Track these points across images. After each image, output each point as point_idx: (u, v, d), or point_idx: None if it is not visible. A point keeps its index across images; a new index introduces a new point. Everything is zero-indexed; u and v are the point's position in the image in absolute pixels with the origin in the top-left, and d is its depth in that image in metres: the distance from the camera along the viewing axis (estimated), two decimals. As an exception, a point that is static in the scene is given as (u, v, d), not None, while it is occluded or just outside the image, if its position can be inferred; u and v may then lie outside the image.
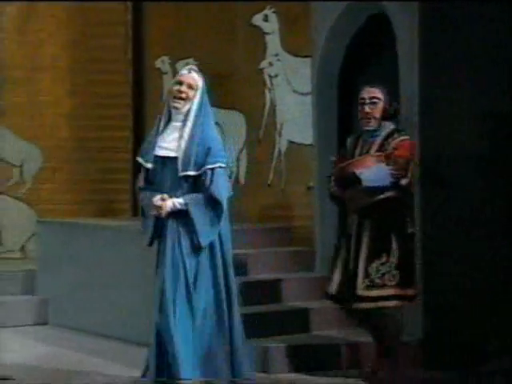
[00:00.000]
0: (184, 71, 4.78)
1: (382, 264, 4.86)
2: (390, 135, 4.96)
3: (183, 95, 4.66)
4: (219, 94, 7.43)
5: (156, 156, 4.71)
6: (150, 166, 4.72)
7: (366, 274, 4.86)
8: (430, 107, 5.55)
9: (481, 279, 5.45)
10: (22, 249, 7.99)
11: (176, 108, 4.68)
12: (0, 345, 6.20)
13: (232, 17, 7.26)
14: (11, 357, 5.81)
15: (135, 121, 8.23)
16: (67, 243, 7.10)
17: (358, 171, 4.86)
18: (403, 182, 4.87)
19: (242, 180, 7.34)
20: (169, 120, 4.76)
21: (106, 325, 6.54)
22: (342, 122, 6.48)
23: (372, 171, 4.85)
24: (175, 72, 7.72)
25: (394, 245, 4.86)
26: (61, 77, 7.99)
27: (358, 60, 6.32)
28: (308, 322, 5.83)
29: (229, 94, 7.34)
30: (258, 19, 6.99)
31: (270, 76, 7.01)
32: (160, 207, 4.61)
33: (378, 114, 4.95)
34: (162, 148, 4.70)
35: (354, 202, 4.93)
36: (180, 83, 4.69)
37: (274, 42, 6.96)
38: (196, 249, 4.61)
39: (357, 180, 4.85)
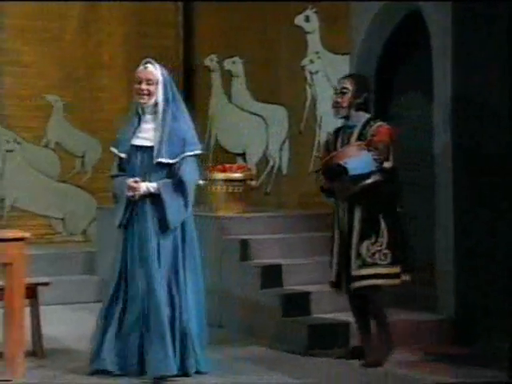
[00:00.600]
0: (140, 67, 4.58)
1: (372, 244, 4.82)
2: (366, 124, 4.89)
3: (145, 92, 4.52)
4: (263, 89, 7.46)
5: (132, 145, 4.59)
6: (123, 155, 4.62)
7: (358, 255, 4.81)
8: (463, 105, 5.47)
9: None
10: (83, 233, 8.06)
11: (142, 104, 4.56)
12: (62, 319, 6.26)
13: (275, 17, 7.23)
14: (72, 330, 5.88)
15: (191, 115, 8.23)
16: (124, 227, 7.14)
17: (342, 162, 4.79)
18: (386, 165, 4.84)
19: (284, 169, 7.33)
20: (143, 113, 4.63)
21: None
22: (378, 114, 6.42)
23: (356, 160, 4.79)
24: (222, 69, 7.76)
25: (383, 225, 4.81)
26: (118, 75, 8.03)
27: (394, 57, 6.26)
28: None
29: (272, 90, 7.33)
30: (299, 19, 6.95)
31: (311, 73, 6.98)
32: (134, 188, 4.50)
33: (345, 104, 4.90)
34: (138, 138, 4.59)
35: (343, 191, 4.88)
36: (139, 81, 4.54)
37: (314, 41, 6.92)
38: (163, 231, 4.52)
39: (343, 170, 4.77)
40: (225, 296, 6.06)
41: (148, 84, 4.50)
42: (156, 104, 4.55)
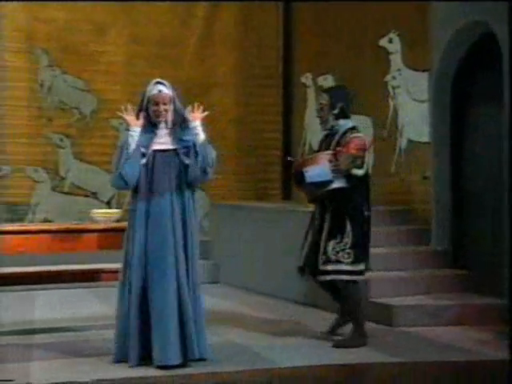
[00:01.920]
0: (155, 92, 4.30)
1: (337, 243, 4.64)
2: (345, 133, 4.72)
3: (163, 113, 4.29)
4: (352, 102, 7.36)
5: (154, 150, 4.28)
6: (144, 161, 4.26)
7: (324, 252, 4.67)
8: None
9: None
10: (199, 225, 8.13)
11: (160, 122, 4.30)
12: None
13: (362, 39, 7.14)
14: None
15: (284, 125, 8.25)
16: (233, 220, 7.21)
17: (304, 169, 4.59)
18: (359, 172, 4.64)
19: (369, 170, 7.20)
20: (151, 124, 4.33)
21: (264, 284, 6.59)
22: (455, 124, 6.25)
23: (315, 168, 4.57)
24: (316, 85, 7.71)
25: (349, 227, 4.63)
26: (229, 91, 8.10)
27: (469, 73, 6.06)
28: (426, 285, 5.67)
29: (359, 102, 7.23)
30: (384, 41, 6.84)
31: (393, 87, 6.85)
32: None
33: (324, 117, 4.78)
34: (156, 143, 4.30)
35: (309, 194, 4.76)
36: (156, 104, 4.28)
37: (396, 60, 6.79)
38: (190, 222, 4.19)
39: (302, 177, 4.60)
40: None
41: (164, 104, 4.29)
42: (172, 118, 4.35)
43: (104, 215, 4.75)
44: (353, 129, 4.77)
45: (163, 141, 4.30)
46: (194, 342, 4.11)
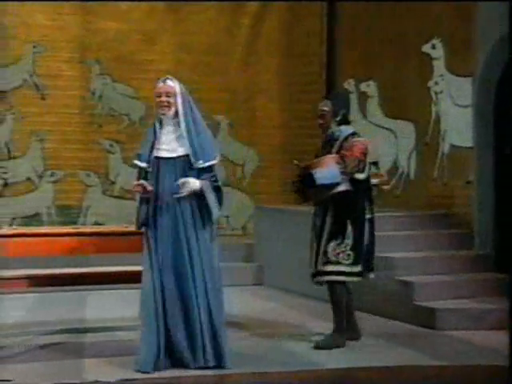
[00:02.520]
0: (160, 83, 4.22)
1: (338, 245, 4.65)
2: (347, 138, 4.72)
3: (165, 104, 4.16)
4: (394, 107, 7.35)
5: (157, 157, 4.16)
6: (143, 164, 4.20)
7: (324, 253, 4.68)
8: None
9: None
10: (243, 228, 8.19)
11: (163, 114, 4.17)
12: (230, 298, 6.40)
13: (405, 45, 7.12)
14: (238, 307, 6.02)
15: (327, 130, 8.26)
16: (277, 223, 7.25)
17: (313, 171, 4.60)
18: (361, 176, 4.65)
19: (412, 175, 7.20)
20: (161, 127, 4.23)
21: (308, 286, 6.60)
22: (498, 128, 6.19)
23: (325, 171, 4.58)
24: (359, 91, 7.71)
25: (349, 229, 4.64)
26: (273, 97, 8.14)
27: (512, 78, 6.01)
28: (469, 289, 5.64)
29: (401, 108, 7.22)
30: (427, 47, 6.81)
31: (436, 92, 6.81)
32: (187, 184, 4.06)
33: (326, 124, 4.76)
34: (161, 150, 4.17)
35: (315, 197, 4.72)
36: (159, 95, 4.18)
37: (439, 65, 6.76)
38: (201, 226, 4.11)
39: (312, 179, 4.59)
40: (359, 283, 6.02)
41: (167, 96, 4.16)
42: (176, 115, 4.19)
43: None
44: (354, 134, 4.80)
45: (168, 147, 4.15)
46: (200, 348, 4.07)
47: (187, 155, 4.14)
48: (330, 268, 4.67)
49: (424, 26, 6.85)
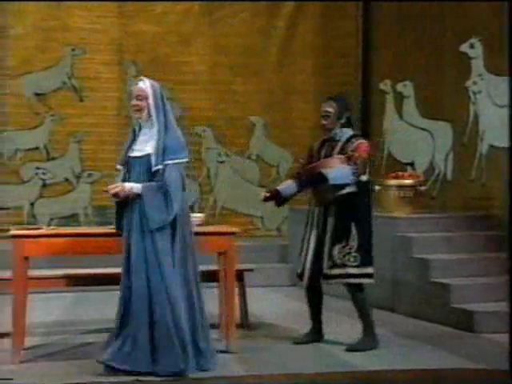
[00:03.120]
0: (134, 86, 4.19)
1: (343, 247, 4.59)
2: (349, 140, 4.65)
3: (136, 107, 4.11)
4: (430, 108, 7.28)
5: (129, 157, 4.17)
6: (119, 166, 4.22)
7: (330, 256, 4.61)
8: None
9: None
10: (278, 229, 8.19)
11: (136, 118, 4.15)
12: (263, 299, 6.42)
13: (441, 45, 7.04)
14: (272, 308, 6.02)
15: (362, 132, 8.20)
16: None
17: (324, 171, 4.54)
18: (363, 178, 4.61)
19: (448, 176, 7.11)
20: (139, 129, 4.20)
21: (342, 288, 6.55)
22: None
23: (337, 171, 4.54)
24: (395, 91, 7.65)
25: (354, 231, 4.59)
26: (308, 98, 8.11)
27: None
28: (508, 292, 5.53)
29: (438, 108, 7.14)
30: (465, 47, 6.73)
31: (474, 92, 6.72)
32: (117, 191, 4.07)
33: (329, 125, 4.68)
34: (134, 150, 4.17)
35: (321, 197, 4.64)
36: (131, 98, 4.17)
37: (478, 65, 6.66)
38: (146, 232, 4.02)
39: (323, 178, 4.53)
40: (396, 284, 5.97)
41: (138, 99, 4.10)
42: (149, 117, 4.13)
43: (188, 219, 4.86)
44: (355, 136, 4.76)
45: (140, 147, 4.15)
46: (164, 354, 3.96)
47: (150, 154, 4.11)
48: (337, 271, 4.63)
49: (461, 25, 6.77)
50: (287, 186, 4.82)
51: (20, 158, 7.74)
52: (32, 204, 7.72)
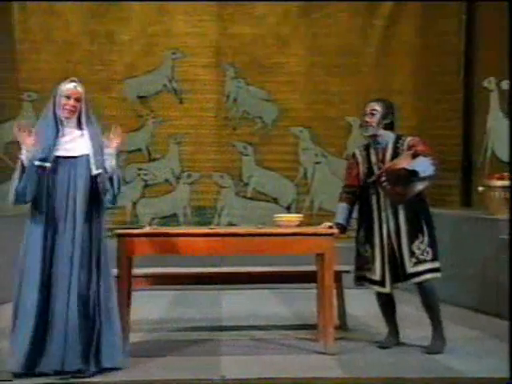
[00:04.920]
0: (70, 86, 4.17)
1: (421, 243, 4.57)
2: (397, 140, 4.65)
3: (73, 108, 4.15)
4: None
5: (58, 157, 4.10)
6: (48, 165, 4.07)
7: (411, 254, 4.55)
8: None
9: None
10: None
11: (67, 118, 4.15)
12: (360, 300, 6.34)
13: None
14: (368, 309, 5.87)
15: (464, 131, 7.98)
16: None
17: (409, 167, 4.45)
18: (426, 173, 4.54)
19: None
20: (61, 125, 4.16)
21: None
22: None
23: (419, 164, 4.46)
24: (500, 89, 7.38)
25: (424, 226, 4.59)
26: (407, 98, 7.97)
27: None
28: None
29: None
30: None
31: None
32: None
33: (374, 123, 4.65)
34: (61, 150, 4.12)
35: (401, 195, 4.54)
36: (68, 97, 4.15)
37: None
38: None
39: (411, 173, 4.45)
40: (500, 287, 5.76)
41: (76, 101, 4.17)
42: (78, 120, 4.20)
43: (287, 220, 4.89)
44: (401, 136, 4.72)
45: (69, 147, 4.15)
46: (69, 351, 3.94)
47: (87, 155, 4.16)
48: (420, 268, 4.59)
49: None
50: (344, 213, 4.85)
51: (123, 160, 8.03)
52: (134, 204, 7.98)
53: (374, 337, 4.97)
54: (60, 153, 4.13)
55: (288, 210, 8.03)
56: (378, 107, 4.73)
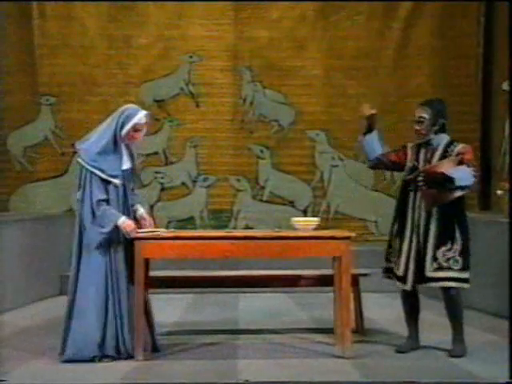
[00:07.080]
0: (143, 119, 4.44)
1: (448, 250, 4.53)
2: (449, 145, 4.61)
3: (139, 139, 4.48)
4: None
5: (123, 170, 4.48)
6: (118, 181, 4.46)
7: (435, 259, 4.53)
8: None
9: None
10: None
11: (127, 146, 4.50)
12: (378, 304, 6.32)
13: None
14: (386, 313, 5.90)
15: (482, 134, 7.94)
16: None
17: (447, 172, 4.44)
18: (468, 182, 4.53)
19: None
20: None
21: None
22: None
23: (460, 172, 4.45)
24: (518, 92, 7.34)
25: (458, 234, 4.54)
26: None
27: None
28: None
29: None
30: None
31: None
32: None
33: (424, 131, 4.62)
34: (125, 163, 4.51)
35: (435, 199, 4.52)
36: (139, 131, 4.45)
37: None
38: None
39: (447, 179, 4.44)
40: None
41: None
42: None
43: (304, 223, 4.88)
44: (454, 141, 4.68)
45: (126, 159, 4.50)
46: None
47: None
48: (441, 274, 4.57)
49: None
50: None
51: (140, 163, 8.07)
52: (151, 207, 8.02)
53: (392, 340, 4.96)
54: (125, 166, 4.49)
55: (304, 213, 8.03)
56: (425, 114, 4.67)
